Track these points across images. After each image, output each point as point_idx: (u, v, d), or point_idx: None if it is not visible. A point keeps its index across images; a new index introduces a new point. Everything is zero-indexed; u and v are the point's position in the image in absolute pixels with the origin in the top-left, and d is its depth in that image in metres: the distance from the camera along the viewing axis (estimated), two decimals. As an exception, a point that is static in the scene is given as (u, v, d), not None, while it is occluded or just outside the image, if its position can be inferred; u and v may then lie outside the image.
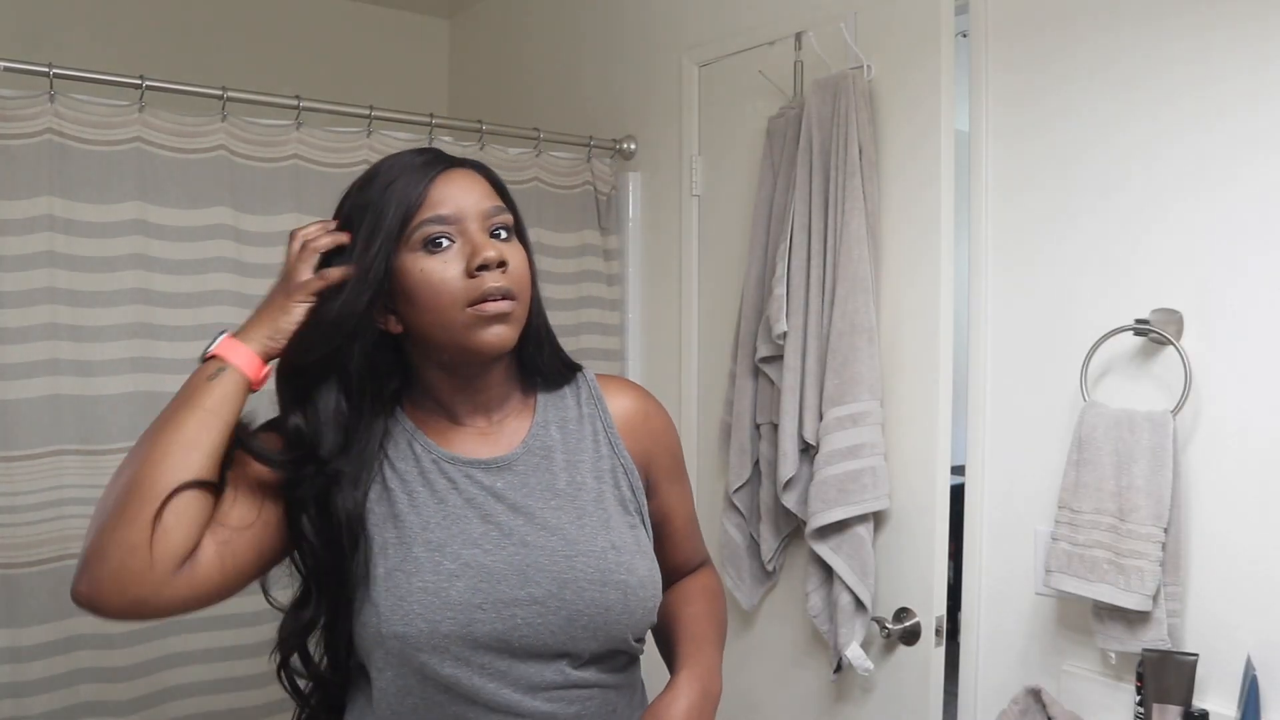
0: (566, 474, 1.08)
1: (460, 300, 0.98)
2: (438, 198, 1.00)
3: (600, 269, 2.35)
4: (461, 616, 0.98)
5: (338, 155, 1.95)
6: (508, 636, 0.99)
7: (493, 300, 0.99)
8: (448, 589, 0.98)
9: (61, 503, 1.66)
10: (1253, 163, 1.36)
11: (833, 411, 1.70)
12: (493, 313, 0.99)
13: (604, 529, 1.06)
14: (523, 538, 1.02)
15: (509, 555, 1.01)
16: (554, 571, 1.01)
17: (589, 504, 1.07)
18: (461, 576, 0.99)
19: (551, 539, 1.03)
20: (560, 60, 2.67)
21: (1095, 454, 1.44)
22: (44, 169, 1.64)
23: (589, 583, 1.02)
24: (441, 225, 0.99)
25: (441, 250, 0.99)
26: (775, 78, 1.96)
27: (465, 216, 1.00)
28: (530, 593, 1.00)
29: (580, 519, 1.05)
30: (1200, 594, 1.41)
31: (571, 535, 1.04)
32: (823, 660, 1.88)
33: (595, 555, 1.03)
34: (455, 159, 1.06)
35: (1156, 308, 1.45)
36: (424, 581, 0.98)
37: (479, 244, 0.99)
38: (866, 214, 1.71)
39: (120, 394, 1.71)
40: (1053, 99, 1.58)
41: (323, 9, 2.98)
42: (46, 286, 1.64)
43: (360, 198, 1.03)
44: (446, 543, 1.00)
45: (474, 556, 1.00)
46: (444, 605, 0.98)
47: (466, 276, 0.98)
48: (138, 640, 1.75)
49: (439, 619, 0.97)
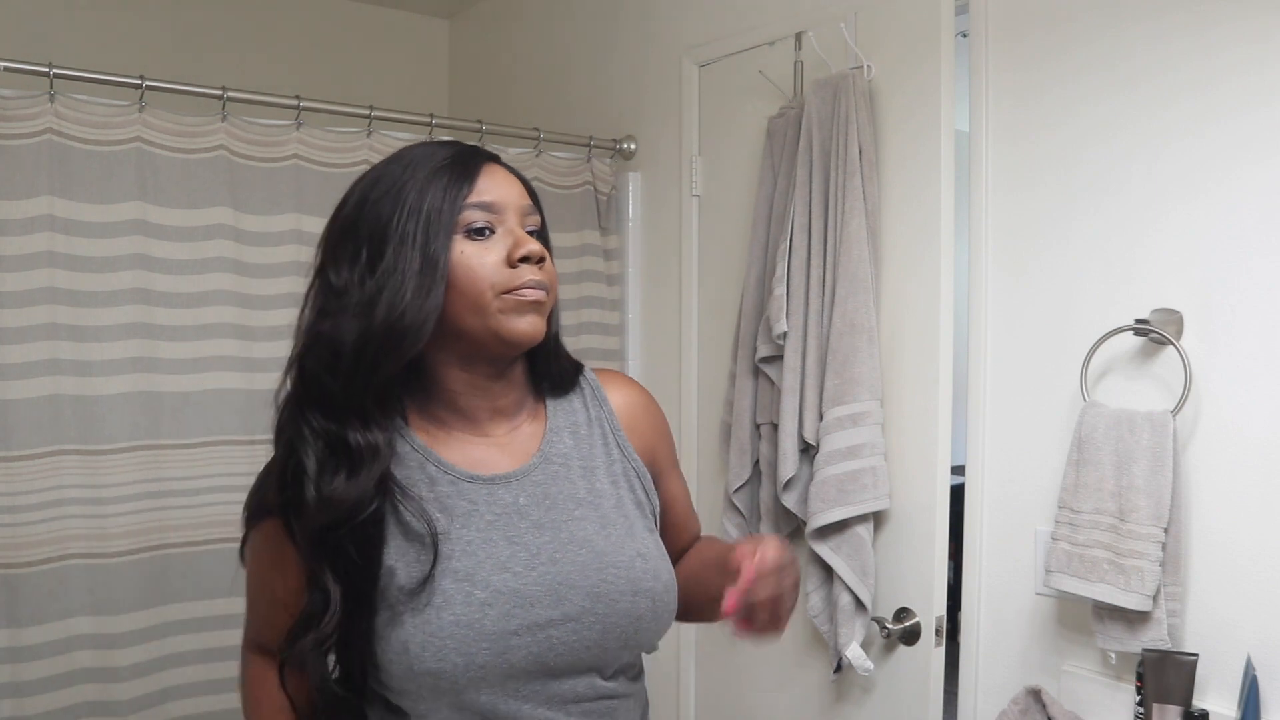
0: (585, 481, 1.06)
1: (498, 286, 0.97)
2: (483, 186, 0.99)
3: (600, 269, 2.35)
4: (498, 645, 0.95)
5: (338, 155, 1.95)
6: (544, 658, 0.97)
7: (530, 288, 0.98)
8: (481, 620, 0.95)
9: (61, 503, 1.66)
10: (1253, 163, 1.36)
11: (833, 411, 1.70)
12: (531, 299, 0.98)
13: (629, 537, 1.04)
14: (551, 555, 1.00)
15: (539, 575, 0.98)
16: (585, 586, 0.99)
17: (611, 511, 1.05)
18: (494, 605, 0.96)
19: (580, 553, 1.00)
20: (560, 60, 2.67)
21: (1095, 454, 1.44)
22: (44, 169, 1.64)
23: (620, 594, 1.00)
24: (486, 213, 0.98)
25: (484, 238, 0.98)
26: (775, 78, 1.96)
27: (507, 208, 1.00)
28: (564, 611, 0.98)
29: (605, 528, 1.03)
30: (1200, 594, 1.41)
31: (600, 547, 1.02)
32: (823, 660, 1.88)
33: (624, 565, 1.01)
34: (491, 154, 1.04)
35: (1156, 308, 1.45)
36: (455, 615, 0.94)
37: (520, 237, 0.99)
38: (866, 214, 1.71)
39: (120, 394, 1.71)
40: (1053, 99, 1.58)
41: (323, 9, 2.98)
42: (46, 286, 1.64)
43: (391, 186, 0.98)
44: (475, 571, 0.97)
45: (504, 581, 0.97)
46: (479, 637, 0.94)
47: (506, 265, 0.97)
48: (138, 640, 1.75)
49: (474, 651, 0.94)
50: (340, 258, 0.98)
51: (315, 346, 0.97)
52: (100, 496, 1.70)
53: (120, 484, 1.72)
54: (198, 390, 1.79)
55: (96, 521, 1.70)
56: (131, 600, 1.74)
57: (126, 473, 1.73)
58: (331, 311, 0.96)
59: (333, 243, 1.00)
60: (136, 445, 1.74)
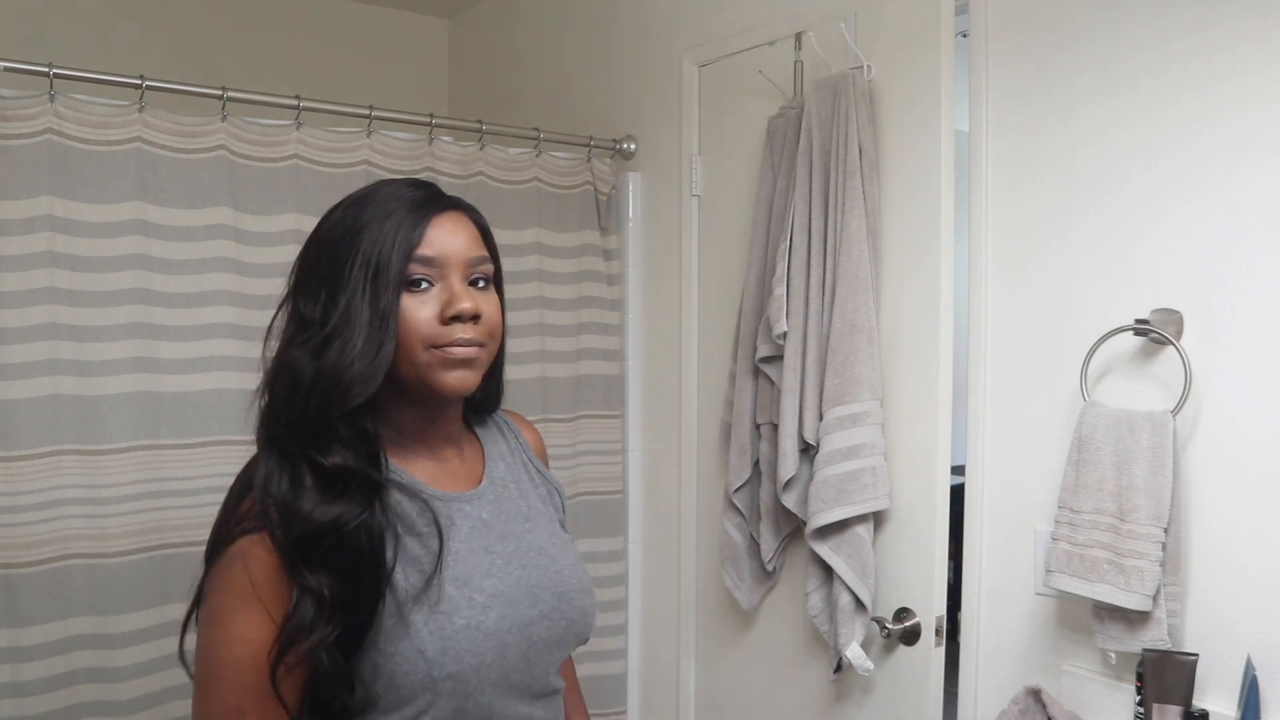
0: (524, 501, 1.15)
1: (428, 340, 1.00)
2: (430, 237, 1.01)
3: (600, 269, 2.35)
4: (497, 643, 1.01)
5: (338, 155, 1.95)
6: (529, 654, 1.05)
7: (460, 346, 1.01)
8: (484, 621, 1.01)
9: (61, 503, 1.66)
10: (1253, 163, 1.36)
11: (833, 411, 1.71)
12: (458, 357, 1.01)
13: (567, 545, 1.16)
14: (520, 561, 1.08)
15: (517, 579, 1.06)
16: (551, 586, 1.09)
17: (548, 524, 1.16)
18: (492, 607, 1.02)
19: (540, 558, 1.10)
20: (560, 60, 2.67)
21: (1095, 454, 1.44)
22: (44, 169, 1.64)
23: (576, 592, 1.11)
24: (425, 267, 1.01)
25: (420, 290, 1.00)
26: (775, 78, 1.96)
27: (449, 262, 1.02)
28: (540, 610, 1.06)
29: (551, 538, 1.14)
30: (1200, 594, 1.41)
31: (552, 553, 1.12)
32: (823, 660, 1.88)
33: (572, 567, 1.13)
34: (449, 200, 1.07)
35: (1156, 308, 1.45)
36: (464, 619, 0.99)
37: (457, 293, 1.01)
38: (866, 214, 1.71)
39: (120, 394, 1.71)
40: (1053, 98, 1.58)
41: (323, 9, 2.98)
42: (46, 286, 1.64)
43: (355, 222, 1.01)
44: (469, 577, 1.02)
45: (494, 585, 1.04)
46: (485, 637, 1.00)
47: (438, 322, 1.00)
48: (138, 640, 1.75)
49: (484, 651, 1.00)
50: (305, 291, 1.02)
51: (280, 375, 1.00)
52: (100, 496, 1.70)
53: (120, 484, 1.72)
54: (198, 390, 1.79)
55: (96, 521, 1.70)
56: (131, 600, 1.74)
57: (126, 473, 1.73)
58: (298, 342, 1.00)
59: (301, 275, 1.04)
60: (136, 445, 1.73)
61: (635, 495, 2.40)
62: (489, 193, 2.15)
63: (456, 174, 2.12)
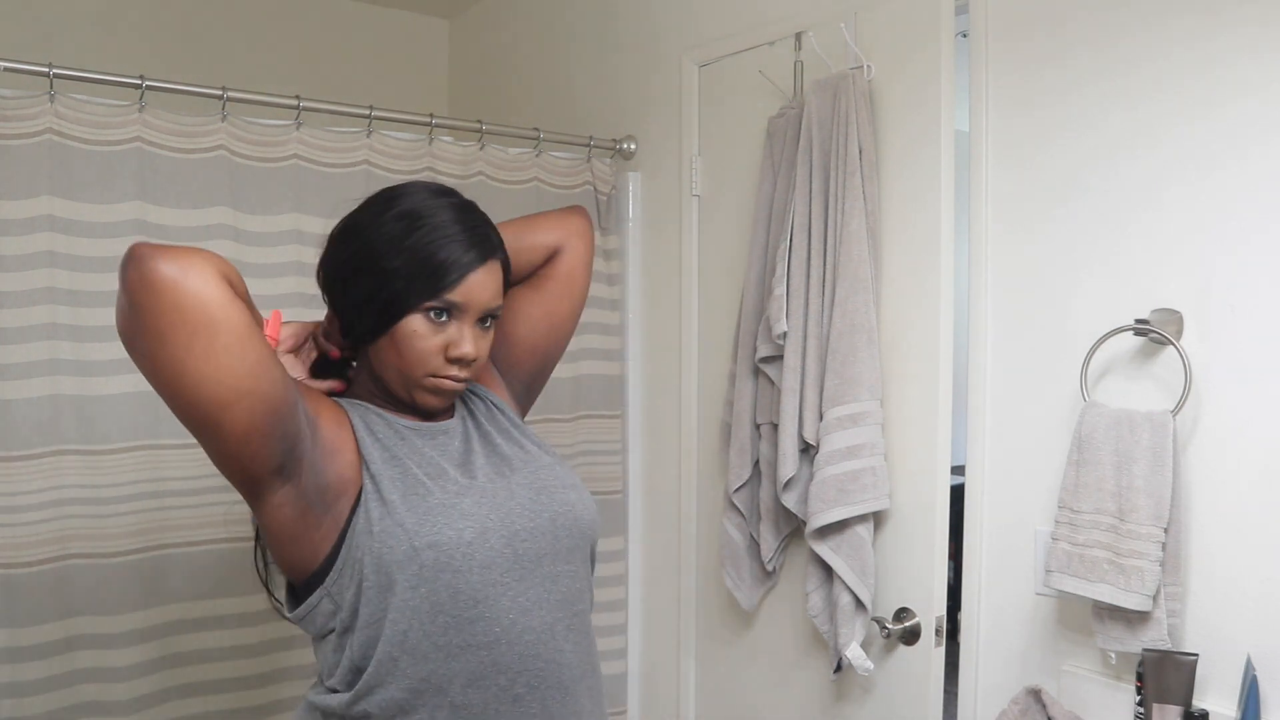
0: (490, 425, 1.26)
1: (427, 370, 1.14)
2: (466, 287, 1.13)
3: (600, 269, 2.34)
4: (476, 524, 1.11)
5: (338, 155, 1.95)
6: (514, 543, 1.13)
7: (452, 380, 1.15)
8: (459, 503, 1.12)
9: (61, 503, 1.66)
10: (1254, 164, 1.36)
11: (833, 411, 1.71)
12: (446, 389, 1.16)
13: (542, 450, 1.26)
14: (496, 466, 1.20)
15: (491, 475, 1.18)
16: (529, 482, 1.19)
17: (518, 438, 1.26)
18: (466, 494, 1.13)
19: (514, 461, 1.22)
20: (560, 60, 2.67)
21: (1095, 454, 1.44)
22: (44, 169, 1.64)
23: (559, 486, 1.21)
24: (450, 308, 1.14)
25: (438, 322, 1.13)
26: (775, 78, 1.96)
27: (469, 309, 1.15)
28: (519, 502, 1.17)
29: (522, 448, 1.25)
30: (1200, 594, 1.41)
31: (524, 458, 1.23)
32: (823, 660, 1.88)
33: (548, 467, 1.23)
34: (491, 246, 1.17)
35: (1156, 308, 1.45)
36: (438, 500, 1.11)
37: (465, 336, 1.14)
38: (866, 214, 1.71)
39: (120, 394, 1.71)
40: (1053, 99, 1.58)
41: (323, 9, 2.98)
42: (46, 286, 1.64)
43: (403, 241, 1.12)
44: (442, 473, 1.14)
45: (467, 477, 1.16)
46: (461, 516, 1.11)
47: (441, 355, 1.14)
48: (137, 640, 1.75)
49: (461, 528, 1.10)
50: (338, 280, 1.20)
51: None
52: (100, 496, 1.70)
53: (120, 484, 1.72)
54: (198, 390, 1.79)
55: (96, 521, 1.70)
56: (131, 600, 1.74)
57: (126, 473, 1.73)
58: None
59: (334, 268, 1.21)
60: (136, 445, 1.74)
61: (635, 495, 2.40)
62: (489, 193, 2.14)
63: (456, 174, 2.12)
